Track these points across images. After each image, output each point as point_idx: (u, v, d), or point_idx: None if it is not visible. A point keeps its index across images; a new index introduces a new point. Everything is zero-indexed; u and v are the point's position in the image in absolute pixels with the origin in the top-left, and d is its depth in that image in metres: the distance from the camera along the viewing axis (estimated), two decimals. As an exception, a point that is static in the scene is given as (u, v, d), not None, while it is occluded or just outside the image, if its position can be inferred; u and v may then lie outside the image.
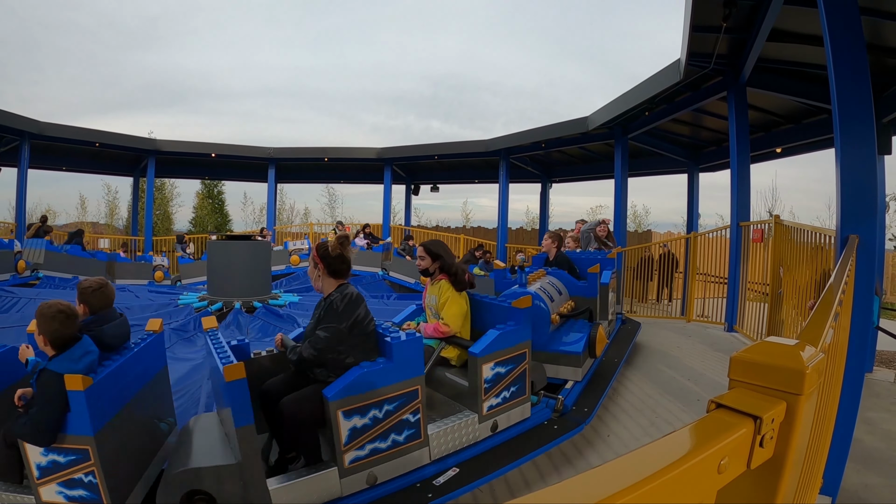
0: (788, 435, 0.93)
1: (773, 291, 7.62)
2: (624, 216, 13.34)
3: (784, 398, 0.93)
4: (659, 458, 0.70)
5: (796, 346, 1.00)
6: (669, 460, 0.69)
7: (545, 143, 15.61)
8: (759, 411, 0.85)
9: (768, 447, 0.89)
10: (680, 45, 8.18)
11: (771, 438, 0.89)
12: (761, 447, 0.86)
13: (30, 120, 14.97)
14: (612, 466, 0.70)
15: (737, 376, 0.99)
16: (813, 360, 0.97)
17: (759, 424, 0.84)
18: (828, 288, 2.27)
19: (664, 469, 0.67)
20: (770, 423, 0.87)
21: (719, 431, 0.80)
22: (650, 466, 0.68)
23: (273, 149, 19.71)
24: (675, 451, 0.72)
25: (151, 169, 18.87)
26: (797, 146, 11.40)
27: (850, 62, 4.23)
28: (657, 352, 7.71)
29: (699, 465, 0.72)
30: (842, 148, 4.18)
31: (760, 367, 0.97)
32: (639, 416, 5.56)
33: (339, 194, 35.59)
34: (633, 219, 32.58)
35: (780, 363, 0.95)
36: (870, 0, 5.88)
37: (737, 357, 1.00)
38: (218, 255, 11.33)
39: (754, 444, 0.85)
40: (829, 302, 1.87)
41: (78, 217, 32.15)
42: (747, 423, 0.84)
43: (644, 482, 0.64)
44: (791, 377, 0.93)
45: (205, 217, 33.03)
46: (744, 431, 0.83)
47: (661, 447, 0.74)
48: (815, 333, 1.34)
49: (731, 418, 0.85)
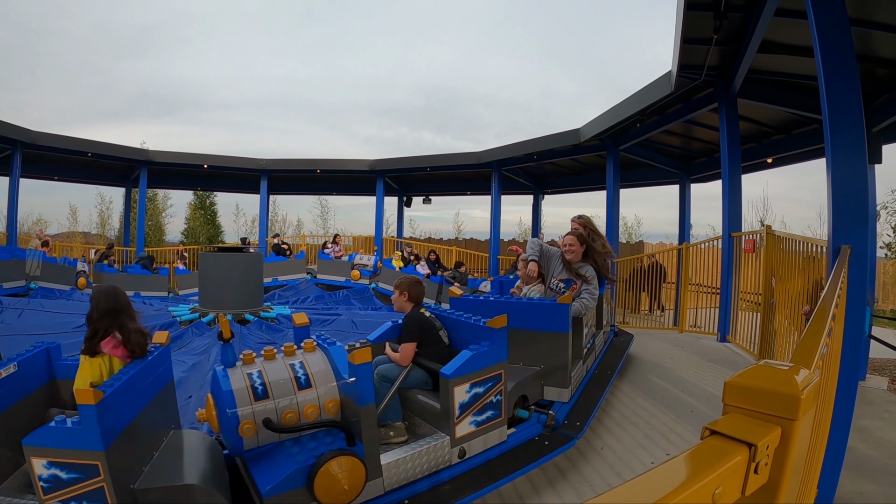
0: (783, 460, 0.92)
1: (766, 301, 7.63)
2: (616, 227, 13.35)
3: (779, 423, 0.91)
4: (653, 490, 0.68)
5: (790, 370, 0.99)
6: (664, 492, 0.68)
7: (537, 155, 15.63)
8: (754, 438, 0.84)
9: (763, 473, 0.88)
10: (671, 57, 8.22)
11: (766, 465, 0.88)
12: (756, 474, 0.85)
13: (22, 129, 14.93)
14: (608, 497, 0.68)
15: (731, 401, 0.98)
16: (808, 383, 0.96)
17: (753, 452, 0.83)
18: (822, 301, 2.27)
19: (659, 501, 0.66)
20: (765, 449, 0.86)
21: (714, 460, 0.79)
22: (644, 497, 0.66)
23: (265, 160, 19.70)
24: (669, 482, 0.70)
25: (143, 179, 18.82)
26: (788, 156, 11.45)
27: (841, 72, 4.26)
28: (650, 363, 7.70)
29: (693, 495, 0.71)
30: (833, 157, 4.20)
31: (755, 392, 0.96)
32: (632, 429, 5.54)
33: (331, 206, 35.55)
34: (625, 230, 32.67)
35: (774, 388, 0.94)
36: (859, 11, 5.93)
37: (731, 382, 0.99)
38: (210, 267, 11.29)
39: (749, 471, 0.84)
40: (824, 316, 1.86)
41: (69, 227, 32.05)
42: (742, 450, 0.83)
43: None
44: (786, 402, 0.92)
45: (197, 228, 32.95)
46: (738, 459, 0.81)
47: (656, 477, 0.73)
48: (810, 352, 1.33)
49: (726, 445, 0.83)
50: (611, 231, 13.15)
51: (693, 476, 0.73)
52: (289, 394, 3.54)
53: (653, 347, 8.78)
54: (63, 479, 2.81)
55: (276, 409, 3.48)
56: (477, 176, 19.98)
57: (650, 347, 8.76)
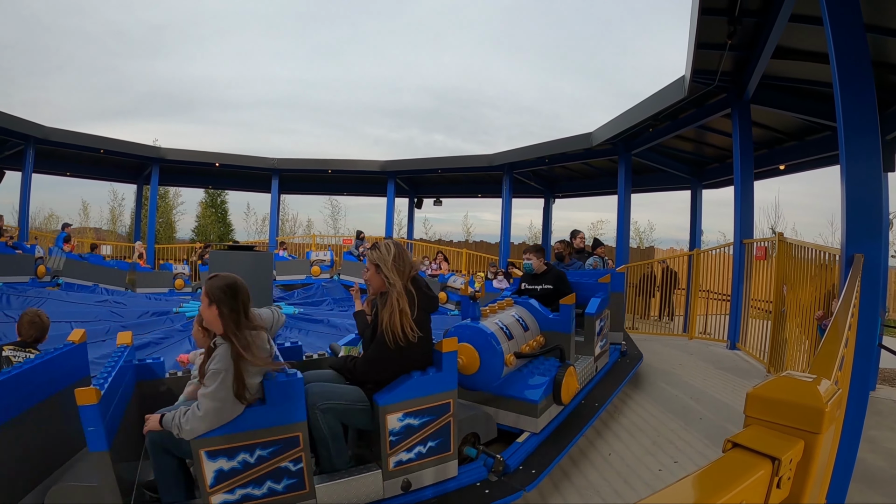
0: (805, 475, 0.90)
1: (777, 309, 7.57)
2: (627, 232, 13.32)
3: (802, 437, 0.90)
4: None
5: (813, 382, 0.97)
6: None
7: (548, 159, 15.62)
8: (778, 452, 0.83)
9: (784, 487, 0.87)
10: (684, 62, 8.19)
11: (788, 479, 0.87)
12: (778, 488, 0.83)
13: (35, 124, 15.02)
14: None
15: (753, 413, 0.96)
16: (831, 396, 0.95)
17: (777, 466, 0.81)
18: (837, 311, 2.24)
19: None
20: (788, 463, 0.84)
21: (737, 474, 0.77)
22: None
23: (277, 159, 19.76)
24: (692, 497, 0.69)
25: (155, 177, 18.96)
26: (800, 163, 11.39)
27: (856, 79, 4.23)
28: (659, 369, 7.66)
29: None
30: (847, 165, 4.17)
31: (778, 403, 0.94)
32: (640, 435, 5.51)
33: (342, 206, 35.59)
34: (636, 235, 32.55)
35: (798, 400, 0.92)
36: (875, 17, 5.89)
37: (753, 393, 0.97)
38: (220, 265, 11.30)
39: (772, 485, 0.82)
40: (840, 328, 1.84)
41: (80, 223, 32.18)
42: (765, 464, 0.81)
43: (661, 530, 0.61)
44: (810, 415, 0.90)
45: (207, 226, 33.05)
46: (762, 474, 0.80)
47: (679, 491, 0.71)
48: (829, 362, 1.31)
49: (750, 459, 0.82)
50: (622, 236, 13.13)
51: (716, 490, 0.72)
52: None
53: (662, 354, 8.74)
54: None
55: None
56: (488, 178, 19.98)
57: (659, 354, 8.72)
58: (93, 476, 2.94)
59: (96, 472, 2.79)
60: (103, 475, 2.76)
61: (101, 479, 2.78)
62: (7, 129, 14.26)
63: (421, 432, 3.64)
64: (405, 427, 3.57)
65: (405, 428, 3.57)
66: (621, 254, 13.07)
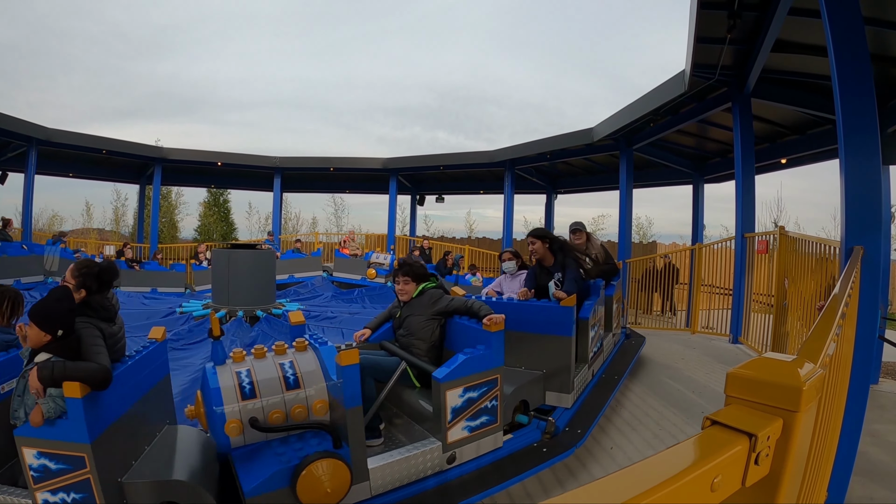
0: (785, 452, 0.92)
1: (779, 303, 7.58)
2: (629, 227, 13.32)
3: (781, 415, 0.91)
4: (651, 476, 0.69)
5: (794, 362, 0.99)
6: (661, 478, 0.68)
7: (550, 154, 15.61)
8: (755, 429, 0.84)
9: (764, 464, 0.88)
10: (684, 57, 8.19)
11: (766, 456, 0.88)
12: (756, 465, 0.85)
13: (37, 126, 15.06)
14: (603, 483, 0.69)
15: (733, 392, 0.98)
16: (811, 376, 0.96)
17: (753, 442, 0.83)
18: (831, 298, 2.26)
19: (656, 487, 0.66)
20: (765, 440, 0.86)
21: (713, 449, 0.79)
22: (641, 484, 0.67)
23: (279, 158, 19.78)
24: (667, 469, 0.71)
25: (158, 176, 18.98)
26: (802, 157, 11.37)
27: (854, 73, 4.23)
28: (661, 363, 7.67)
29: (692, 483, 0.71)
30: (846, 159, 4.17)
31: (757, 383, 0.96)
32: (642, 429, 5.53)
33: (346, 204, 35.61)
34: (638, 230, 32.49)
35: (776, 380, 0.94)
36: (874, 10, 5.88)
37: (733, 373, 0.99)
38: (222, 264, 11.34)
39: (749, 461, 0.84)
40: (833, 313, 1.86)
41: (83, 223, 32.27)
42: (742, 440, 0.83)
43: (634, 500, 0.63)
44: (788, 394, 0.92)
45: (210, 225, 33.10)
46: (738, 449, 0.81)
47: (654, 465, 0.73)
48: (817, 348, 1.33)
49: (726, 435, 0.83)
50: (623, 231, 13.13)
51: (692, 463, 0.73)
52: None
53: (664, 348, 8.75)
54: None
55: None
56: (490, 175, 19.99)
57: (662, 348, 8.73)
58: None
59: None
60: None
61: None
62: (10, 130, 14.28)
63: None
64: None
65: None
66: (623, 249, 13.07)
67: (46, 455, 2.85)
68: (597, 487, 0.66)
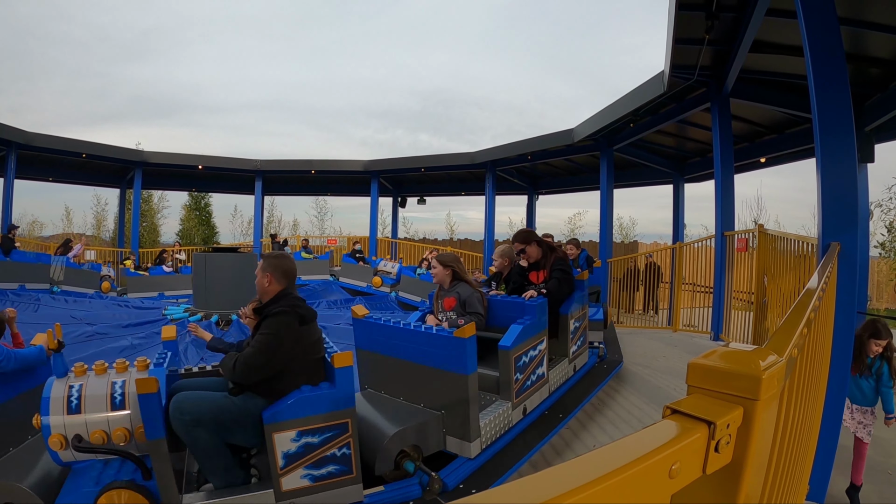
0: (746, 440, 0.93)
1: (758, 300, 7.65)
2: (610, 227, 13.40)
3: (741, 403, 0.93)
4: (608, 462, 0.69)
5: (754, 352, 1.00)
6: (619, 464, 0.69)
7: (531, 156, 15.66)
8: (714, 417, 0.85)
9: (725, 452, 0.89)
10: (664, 58, 8.24)
11: (727, 444, 0.89)
12: (717, 452, 0.86)
13: (17, 130, 14.95)
14: (562, 469, 0.69)
15: (694, 382, 0.99)
16: (772, 366, 0.98)
17: (713, 430, 0.84)
18: (804, 292, 2.28)
19: (613, 472, 0.67)
20: (725, 428, 0.87)
21: (671, 436, 0.80)
22: (599, 469, 0.67)
23: (260, 161, 19.72)
24: (625, 455, 0.71)
25: (138, 180, 18.83)
26: (781, 156, 11.49)
27: (830, 72, 4.27)
28: (643, 362, 7.72)
29: (649, 469, 0.72)
30: (822, 158, 4.21)
31: (717, 372, 0.97)
32: (624, 426, 5.56)
33: (329, 206, 35.54)
34: (620, 230, 32.68)
35: (736, 369, 0.95)
36: (850, 10, 5.95)
37: (694, 363, 1.00)
38: (203, 267, 11.29)
39: (709, 449, 0.85)
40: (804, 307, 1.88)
41: (64, 228, 31.98)
42: (701, 427, 0.84)
43: (591, 484, 0.64)
44: (747, 383, 0.93)
45: (191, 229, 32.91)
46: (697, 437, 0.82)
47: (612, 451, 0.74)
48: (784, 339, 1.34)
49: (685, 423, 0.84)
50: (605, 231, 13.20)
51: (650, 451, 0.74)
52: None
53: (646, 346, 8.81)
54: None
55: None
56: (471, 176, 20.04)
57: (644, 346, 8.79)
58: None
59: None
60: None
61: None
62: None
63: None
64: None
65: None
66: (605, 249, 13.14)
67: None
68: (553, 473, 0.67)
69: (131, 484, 3.08)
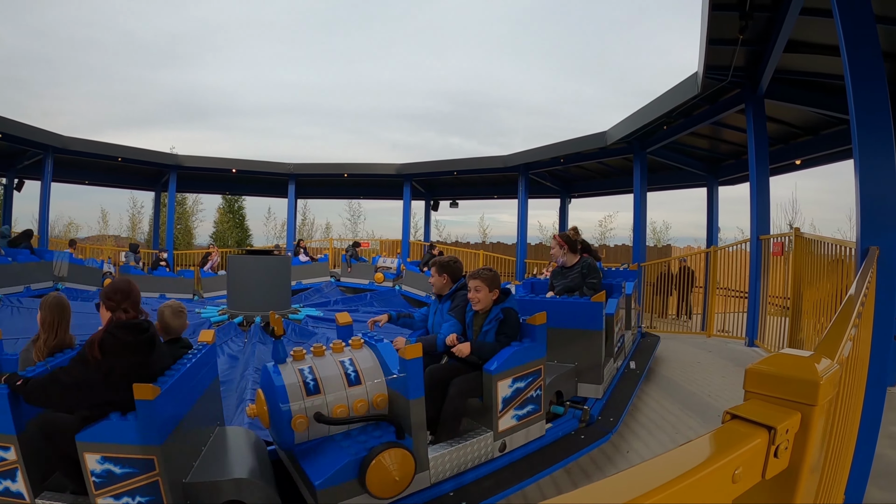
0: (803, 446, 0.93)
1: (795, 305, 7.54)
2: (643, 231, 13.31)
3: (799, 409, 0.93)
4: (674, 468, 0.71)
5: (811, 357, 1.01)
6: (684, 469, 0.70)
7: (564, 159, 15.61)
8: (774, 422, 0.86)
9: (783, 458, 0.90)
10: (697, 59, 8.18)
11: (786, 449, 0.90)
12: (776, 458, 0.87)
13: (53, 134, 15.20)
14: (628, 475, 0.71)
15: (752, 388, 1.00)
16: (828, 371, 0.98)
17: (773, 435, 0.85)
18: (847, 299, 2.26)
19: (679, 478, 0.68)
20: (784, 433, 0.87)
21: (734, 442, 0.81)
22: (665, 475, 0.69)
23: (293, 164, 19.91)
24: (689, 461, 0.73)
25: (173, 184, 19.12)
26: (817, 157, 11.32)
27: (867, 71, 4.22)
28: (677, 367, 7.65)
29: (713, 474, 0.73)
30: (860, 158, 4.16)
31: (775, 378, 0.98)
32: (658, 433, 5.52)
33: (362, 210, 35.72)
34: (653, 234, 32.39)
35: (794, 374, 0.96)
36: (886, 8, 5.86)
37: (752, 369, 1.01)
38: (238, 270, 11.43)
39: (769, 454, 0.85)
40: (848, 313, 1.86)
41: (100, 230, 32.60)
42: (762, 433, 0.84)
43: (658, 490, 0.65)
44: (805, 388, 0.93)
45: (225, 231, 33.34)
46: (758, 442, 0.83)
47: (677, 457, 0.75)
48: (833, 346, 1.34)
49: (746, 429, 0.85)
50: (638, 234, 13.12)
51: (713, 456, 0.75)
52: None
53: (681, 352, 8.72)
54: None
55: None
56: (504, 180, 19.97)
57: (678, 352, 8.71)
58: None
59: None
60: None
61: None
62: (26, 139, 14.47)
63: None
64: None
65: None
66: (638, 252, 13.05)
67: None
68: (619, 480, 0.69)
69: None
